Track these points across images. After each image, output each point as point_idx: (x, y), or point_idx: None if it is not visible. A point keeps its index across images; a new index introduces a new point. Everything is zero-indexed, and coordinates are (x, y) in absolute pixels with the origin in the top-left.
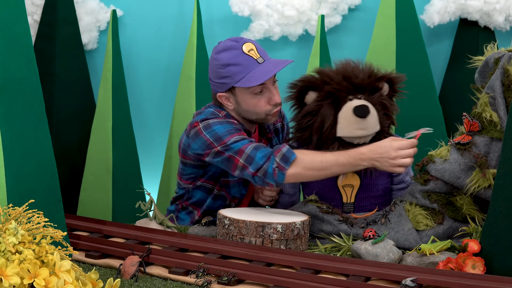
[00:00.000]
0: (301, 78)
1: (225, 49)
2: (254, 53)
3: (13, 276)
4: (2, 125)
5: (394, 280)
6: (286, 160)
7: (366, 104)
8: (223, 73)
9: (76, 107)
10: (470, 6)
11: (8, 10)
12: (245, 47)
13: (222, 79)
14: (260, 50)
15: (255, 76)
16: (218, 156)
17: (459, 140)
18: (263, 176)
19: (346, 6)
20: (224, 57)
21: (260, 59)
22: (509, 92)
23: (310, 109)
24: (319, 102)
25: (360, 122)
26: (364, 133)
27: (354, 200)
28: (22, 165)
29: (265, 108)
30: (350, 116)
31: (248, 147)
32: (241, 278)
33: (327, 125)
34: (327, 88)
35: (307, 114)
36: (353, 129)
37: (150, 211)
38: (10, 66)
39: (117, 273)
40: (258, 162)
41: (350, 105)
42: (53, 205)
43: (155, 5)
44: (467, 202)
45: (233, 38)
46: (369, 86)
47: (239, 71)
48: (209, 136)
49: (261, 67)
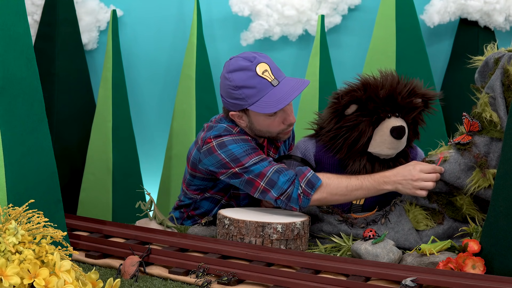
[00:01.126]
0: (346, 90)
1: (238, 69)
2: (268, 74)
3: (13, 276)
4: (2, 125)
5: (394, 280)
6: (312, 186)
7: (403, 125)
8: (236, 94)
9: (76, 107)
10: (470, 6)
11: (8, 10)
12: (259, 69)
13: (235, 100)
14: (274, 69)
15: (270, 101)
16: (235, 177)
17: (459, 140)
18: (287, 200)
19: (346, 6)
20: (237, 78)
21: (275, 81)
22: (509, 92)
23: (349, 124)
24: (359, 117)
25: (394, 142)
26: (394, 152)
27: (364, 202)
28: (22, 165)
29: (279, 128)
30: (386, 136)
31: (269, 170)
32: (241, 278)
33: (362, 141)
34: (371, 107)
35: (343, 127)
36: (386, 148)
37: (150, 211)
38: (10, 66)
39: (117, 273)
40: (282, 186)
41: (388, 124)
42: (53, 205)
43: (155, 5)
44: (467, 202)
45: (247, 56)
46: (408, 105)
47: (253, 94)
48: (224, 155)
49: (276, 90)
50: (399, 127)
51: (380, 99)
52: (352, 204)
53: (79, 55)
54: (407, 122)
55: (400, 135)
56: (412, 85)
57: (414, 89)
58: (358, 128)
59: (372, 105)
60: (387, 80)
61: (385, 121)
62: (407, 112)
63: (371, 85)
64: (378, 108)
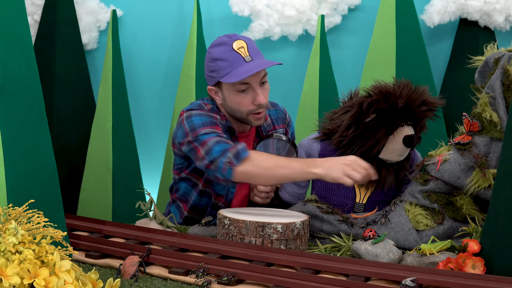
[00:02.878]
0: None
1: (217, 44)
2: (243, 51)
3: (13, 276)
4: (2, 125)
5: (394, 280)
6: (238, 157)
7: (413, 133)
8: (212, 67)
9: (76, 107)
10: (470, 6)
11: (8, 10)
12: (236, 44)
13: (211, 72)
14: (251, 49)
15: (238, 73)
16: (188, 146)
17: (459, 140)
18: (215, 169)
19: (346, 6)
20: (215, 51)
21: (248, 58)
22: (509, 92)
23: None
24: (378, 126)
25: (404, 150)
26: (401, 158)
27: (366, 202)
28: (22, 165)
29: (248, 107)
30: (398, 144)
31: (211, 140)
32: (241, 278)
33: (376, 149)
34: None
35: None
36: (396, 155)
37: (150, 211)
38: (10, 66)
39: (117, 273)
40: (214, 155)
41: (401, 133)
42: (53, 205)
43: (155, 5)
44: (467, 202)
45: (229, 34)
46: (420, 114)
47: (225, 67)
48: (187, 125)
49: (246, 65)
50: (411, 136)
51: (399, 109)
52: (356, 202)
53: (79, 55)
54: (415, 129)
55: (412, 143)
56: (425, 95)
57: (427, 99)
58: (375, 136)
59: (392, 114)
60: (404, 89)
61: (398, 129)
62: (417, 120)
63: (392, 94)
64: (396, 118)
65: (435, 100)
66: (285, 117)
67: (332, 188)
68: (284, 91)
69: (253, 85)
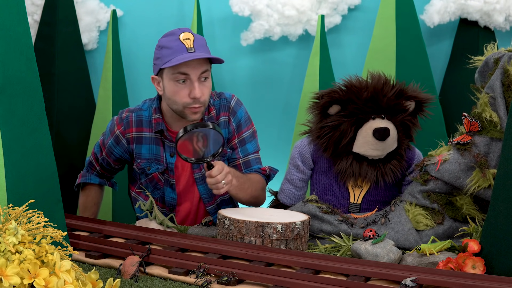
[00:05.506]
0: (327, 91)
1: (167, 34)
2: (188, 42)
3: (13, 276)
4: (2, 125)
5: (394, 280)
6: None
7: (387, 126)
8: (157, 54)
9: (76, 107)
10: (470, 6)
11: (8, 10)
12: (183, 36)
13: (156, 60)
14: (198, 43)
15: (176, 60)
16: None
17: (459, 140)
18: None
19: (346, 6)
20: (162, 40)
21: (191, 49)
22: (509, 92)
23: (331, 123)
24: (341, 117)
25: (377, 144)
26: (379, 153)
27: (361, 202)
28: (22, 165)
29: (183, 99)
30: (369, 137)
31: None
32: (241, 278)
33: (344, 141)
34: (351, 108)
35: (326, 127)
36: (370, 148)
37: (150, 211)
38: (10, 66)
39: (117, 273)
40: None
41: (371, 125)
42: (53, 205)
43: (155, 5)
44: (467, 202)
45: (182, 28)
46: (395, 107)
47: (168, 54)
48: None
49: (186, 54)
50: (381, 128)
51: (362, 101)
52: (350, 203)
53: (79, 55)
54: (395, 124)
55: (383, 136)
56: (400, 87)
57: (402, 91)
58: (340, 128)
59: (353, 106)
60: (372, 78)
61: (368, 122)
62: (394, 114)
63: (354, 86)
64: (359, 109)
65: (417, 93)
66: (229, 104)
67: (326, 189)
68: (284, 91)
69: (192, 77)
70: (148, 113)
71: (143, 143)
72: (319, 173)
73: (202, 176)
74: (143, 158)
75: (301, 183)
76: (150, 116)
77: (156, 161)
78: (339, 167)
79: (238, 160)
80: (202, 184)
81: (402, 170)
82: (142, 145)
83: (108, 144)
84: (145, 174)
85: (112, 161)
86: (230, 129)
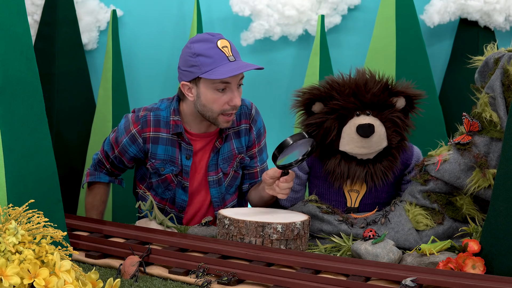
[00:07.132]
0: (308, 88)
1: (200, 40)
2: (227, 50)
3: (13, 276)
4: (2, 125)
5: (394, 280)
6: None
7: (372, 123)
8: (193, 62)
9: (76, 107)
10: (470, 6)
11: (8, 10)
12: (220, 43)
13: (190, 67)
14: (233, 50)
15: (222, 71)
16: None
17: (459, 140)
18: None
19: (346, 6)
20: (198, 47)
21: (232, 58)
22: (509, 92)
23: (314, 121)
24: (324, 115)
25: (362, 141)
26: (366, 151)
27: (359, 205)
28: (22, 165)
29: (222, 106)
30: (353, 134)
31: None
32: (241, 278)
33: (328, 139)
34: (332, 104)
35: (310, 125)
36: (355, 146)
37: (150, 211)
38: (10, 66)
39: (117, 273)
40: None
41: (355, 122)
42: (53, 205)
43: (155, 5)
44: (467, 202)
45: (211, 33)
46: (380, 102)
47: (208, 63)
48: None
49: (230, 64)
50: (365, 124)
51: (343, 96)
52: (347, 207)
53: (79, 55)
54: (382, 121)
55: (366, 133)
56: (384, 82)
57: (387, 85)
58: (323, 125)
59: (335, 102)
60: (356, 74)
61: (352, 118)
62: (380, 110)
63: (336, 82)
64: (340, 106)
65: (405, 89)
66: (250, 112)
67: (323, 193)
68: (284, 91)
69: (232, 86)
70: (166, 114)
71: (159, 144)
72: (315, 178)
73: (217, 179)
74: (158, 158)
75: (299, 187)
76: (168, 117)
77: (170, 162)
78: (328, 167)
79: (256, 168)
80: (216, 187)
81: (395, 172)
82: (158, 145)
83: (122, 143)
84: (158, 174)
85: (126, 160)
86: (251, 138)
